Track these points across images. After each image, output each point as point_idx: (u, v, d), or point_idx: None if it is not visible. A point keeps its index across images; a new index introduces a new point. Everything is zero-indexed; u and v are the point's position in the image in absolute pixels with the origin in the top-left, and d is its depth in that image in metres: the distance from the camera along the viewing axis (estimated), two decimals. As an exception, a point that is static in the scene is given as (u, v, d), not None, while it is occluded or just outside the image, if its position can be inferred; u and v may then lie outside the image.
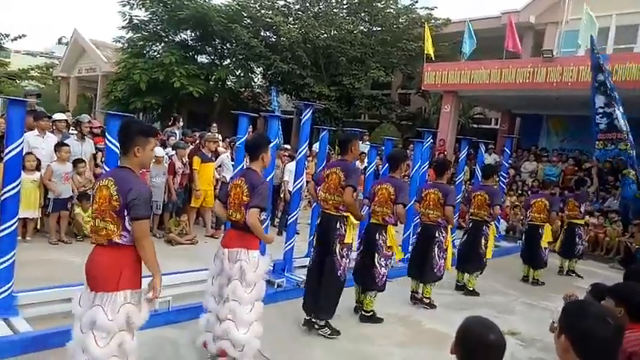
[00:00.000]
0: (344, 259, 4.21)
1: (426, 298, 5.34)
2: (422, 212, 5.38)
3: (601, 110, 7.68)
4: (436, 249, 5.21)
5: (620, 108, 7.68)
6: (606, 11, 12.53)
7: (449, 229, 5.37)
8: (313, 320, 4.26)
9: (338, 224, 4.19)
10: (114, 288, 2.51)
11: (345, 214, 4.20)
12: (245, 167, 3.83)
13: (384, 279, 4.63)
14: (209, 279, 3.50)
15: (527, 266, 7.15)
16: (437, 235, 5.22)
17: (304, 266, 5.83)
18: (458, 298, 5.87)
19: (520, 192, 11.66)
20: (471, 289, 6.05)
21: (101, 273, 2.55)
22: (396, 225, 4.79)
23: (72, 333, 2.63)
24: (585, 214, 8.16)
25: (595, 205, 9.94)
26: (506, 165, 9.68)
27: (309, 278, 4.40)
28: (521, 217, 10.72)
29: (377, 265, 4.56)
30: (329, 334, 4.20)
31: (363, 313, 4.72)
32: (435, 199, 5.20)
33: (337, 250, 4.17)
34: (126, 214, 2.51)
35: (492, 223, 6.20)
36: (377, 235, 4.59)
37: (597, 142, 7.85)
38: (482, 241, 5.97)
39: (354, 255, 4.70)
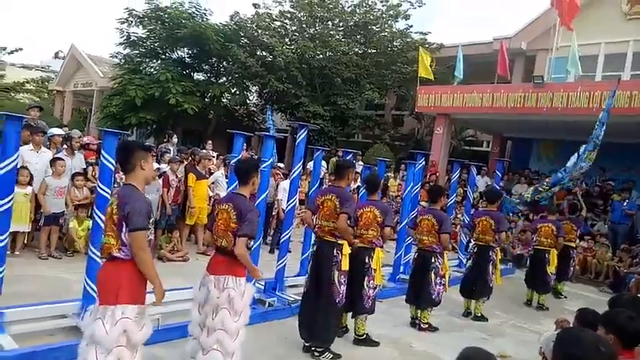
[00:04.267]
0: (342, 286, 4.21)
1: (424, 323, 5.30)
2: (417, 238, 5.42)
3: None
4: (432, 275, 5.21)
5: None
6: (595, 39, 12.86)
7: (445, 255, 5.35)
8: (312, 347, 4.22)
9: (335, 251, 4.21)
10: (113, 301, 2.53)
11: (340, 241, 4.23)
12: (232, 192, 3.72)
13: (372, 301, 4.59)
14: (194, 308, 3.37)
15: (531, 290, 7.16)
16: (433, 261, 5.23)
17: (296, 285, 5.84)
18: (449, 320, 5.86)
19: (511, 214, 11.74)
20: (479, 314, 6.00)
21: (103, 286, 2.62)
22: (382, 247, 4.79)
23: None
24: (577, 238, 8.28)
25: (585, 228, 10.06)
26: (498, 188, 9.76)
27: (305, 304, 4.37)
28: (512, 240, 10.78)
29: (366, 288, 4.52)
30: (331, 359, 4.16)
31: (357, 337, 4.65)
32: (429, 226, 5.25)
33: (335, 278, 4.18)
34: (123, 227, 2.55)
35: (497, 248, 6.12)
36: (366, 259, 4.56)
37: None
38: (490, 267, 5.94)
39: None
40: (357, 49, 17.02)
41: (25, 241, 6.37)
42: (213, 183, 7.94)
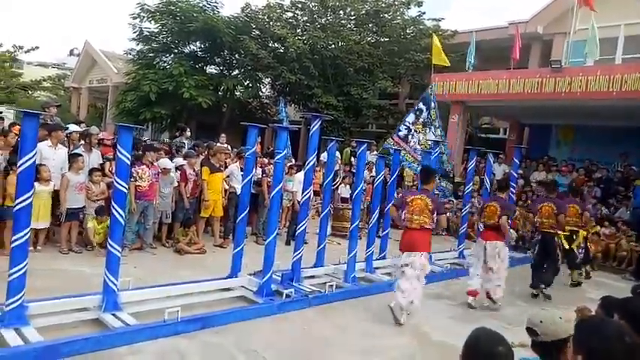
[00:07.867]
0: (559, 256, 6.89)
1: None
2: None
3: (407, 124, 9.60)
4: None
5: (428, 135, 9.58)
6: (615, 21, 12.49)
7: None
8: (539, 289, 6.74)
9: (556, 238, 6.82)
10: (424, 249, 5.09)
11: (559, 232, 6.84)
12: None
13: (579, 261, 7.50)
14: (479, 262, 6.00)
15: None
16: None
17: (313, 276, 5.85)
18: (468, 311, 5.82)
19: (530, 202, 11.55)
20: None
21: (419, 242, 5.04)
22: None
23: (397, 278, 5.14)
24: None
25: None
26: (515, 175, 9.61)
27: (534, 266, 6.93)
28: (530, 228, 10.62)
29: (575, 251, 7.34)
30: (546, 294, 6.67)
31: (572, 282, 7.45)
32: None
33: (559, 254, 6.87)
34: (435, 212, 5.05)
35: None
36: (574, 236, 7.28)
37: (390, 140, 9.63)
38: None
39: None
40: (369, 38, 16.84)
41: (48, 236, 6.49)
42: (228, 176, 7.95)
